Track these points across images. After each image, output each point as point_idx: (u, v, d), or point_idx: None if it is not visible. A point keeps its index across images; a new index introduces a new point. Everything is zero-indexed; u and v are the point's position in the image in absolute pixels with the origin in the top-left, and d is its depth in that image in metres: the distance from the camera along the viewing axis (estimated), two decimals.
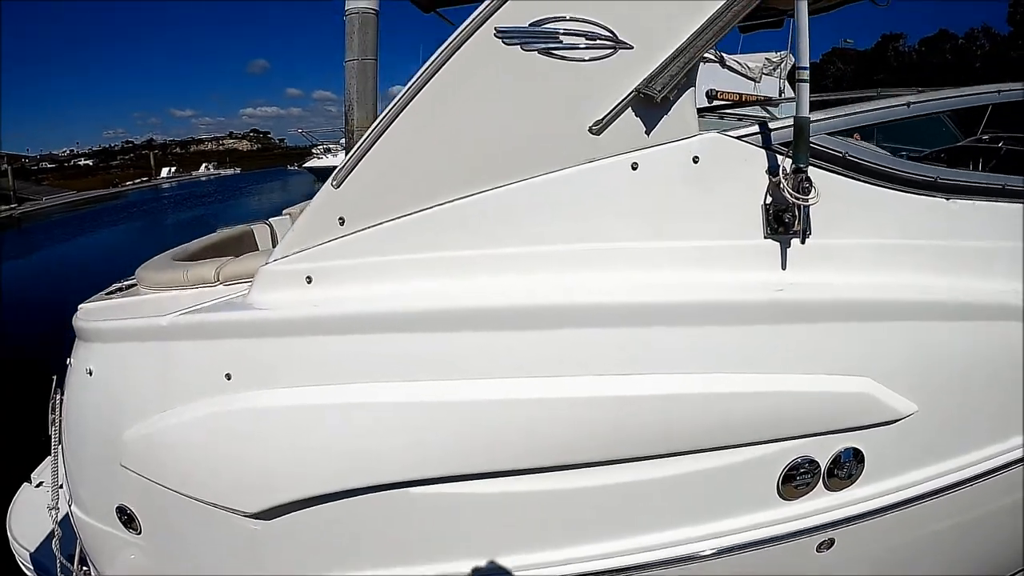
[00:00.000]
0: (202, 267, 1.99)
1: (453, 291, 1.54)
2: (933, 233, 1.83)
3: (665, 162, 1.56)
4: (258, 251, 2.31)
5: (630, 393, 1.51)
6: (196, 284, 1.96)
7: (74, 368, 2.00)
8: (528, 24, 1.51)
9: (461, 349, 1.52)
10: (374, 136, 1.55)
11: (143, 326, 1.78)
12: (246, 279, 1.84)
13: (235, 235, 2.95)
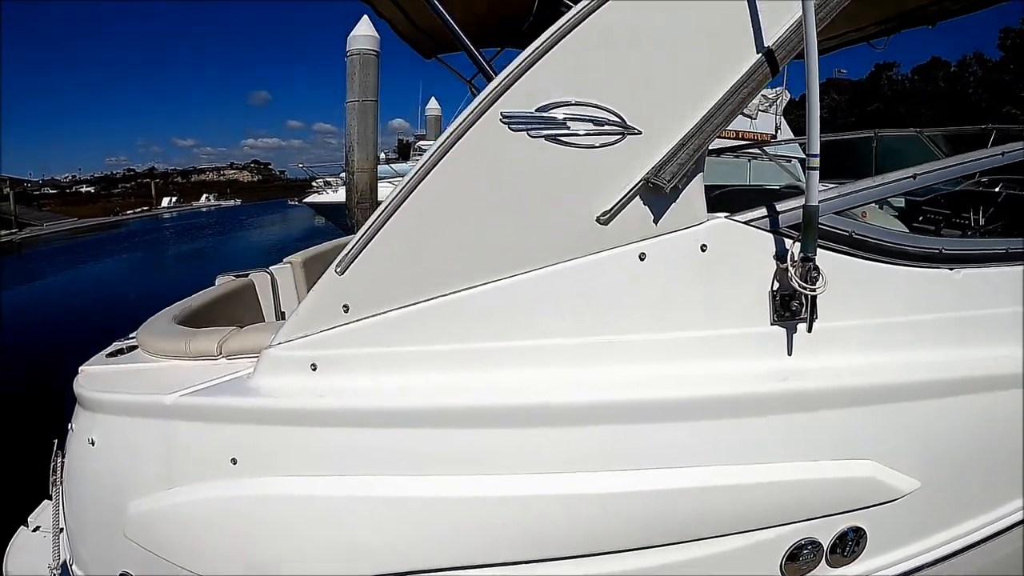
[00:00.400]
0: (204, 339, 1.98)
1: (458, 385, 1.54)
2: (939, 306, 1.85)
3: (673, 251, 1.56)
4: (260, 325, 2.30)
5: (639, 488, 1.53)
6: (198, 356, 1.95)
7: (76, 435, 2.00)
8: (535, 109, 1.50)
9: (465, 445, 1.54)
10: (379, 223, 1.54)
11: (146, 403, 1.77)
12: (249, 354, 1.84)
13: (235, 288, 2.97)
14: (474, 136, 1.50)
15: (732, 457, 1.58)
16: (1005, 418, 1.87)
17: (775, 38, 1.59)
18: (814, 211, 1.51)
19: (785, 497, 1.63)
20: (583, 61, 1.53)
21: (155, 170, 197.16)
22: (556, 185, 1.54)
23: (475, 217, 1.56)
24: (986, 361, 1.85)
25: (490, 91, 1.50)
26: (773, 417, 1.61)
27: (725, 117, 1.53)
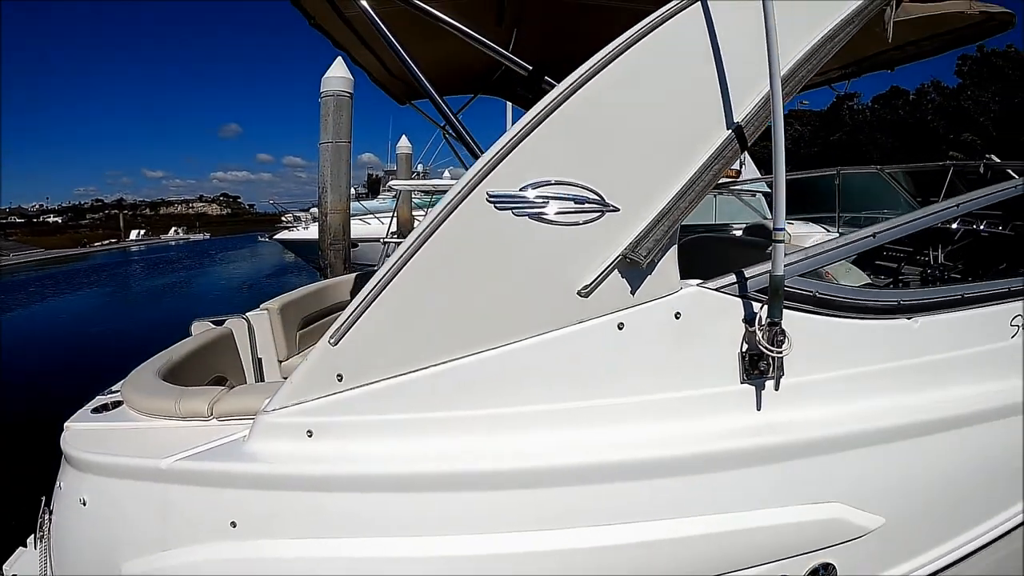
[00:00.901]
0: (195, 399, 2.01)
1: (450, 451, 1.63)
2: (899, 354, 2.01)
3: (649, 320, 1.68)
4: (248, 387, 2.40)
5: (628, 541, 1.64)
6: (189, 417, 1.99)
7: (65, 494, 2.03)
8: (519, 189, 1.60)
9: (459, 508, 1.62)
10: (371, 297, 1.62)
11: (142, 466, 1.81)
12: (241, 416, 1.91)
13: (215, 338, 3.01)
14: (462, 214, 1.59)
15: (710, 507, 1.70)
16: (962, 454, 2.05)
17: (743, 115, 1.73)
18: (779, 280, 1.64)
19: (759, 540, 1.75)
20: (563, 142, 1.63)
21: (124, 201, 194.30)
22: (540, 260, 1.64)
23: (463, 291, 1.65)
24: (943, 403, 2.02)
25: (476, 171, 1.60)
26: (746, 469, 1.73)
27: (698, 193, 1.66)
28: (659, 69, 1.72)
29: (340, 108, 9.98)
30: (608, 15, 2.99)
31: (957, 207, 2.34)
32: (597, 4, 2.97)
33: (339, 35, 3.33)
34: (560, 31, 3.34)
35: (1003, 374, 2.23)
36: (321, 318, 4.32)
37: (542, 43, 3.43)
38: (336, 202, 10.38)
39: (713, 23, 1.75)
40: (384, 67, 3.97)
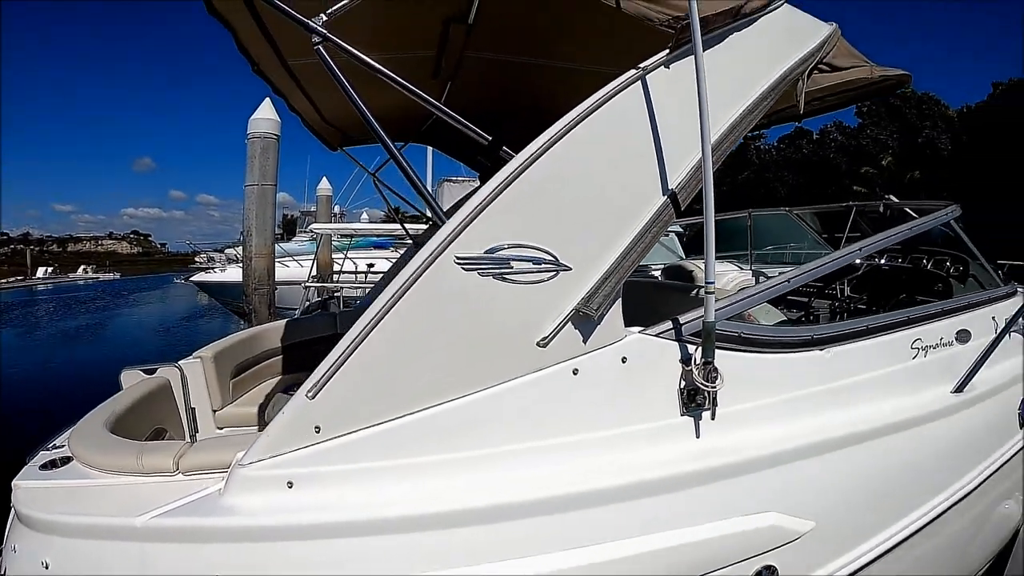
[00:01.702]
0: (158, 454, 2.07)
1: (426, 493, 1.80)
2: (816, 381, 2.36)
3: (600, 365, 1.94)
4: (211, 440, 2.40)
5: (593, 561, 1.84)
6: (152, 473, 2.04)
7: (22, 557, 2.01)
8: (483, 251, 1.83)
9: (437, 546, 1.78)
10: (347, 352, 1.79)
11: (114, 525, 1.85)
12: (207, 470, 2.00)
13: (154, 389, 3.07)
14: (432, 275, 1.80)
15: (663, 526, 1.95)
16: (875, 463, 2.42)
17: (677, 182, 2.05)
18: (711, 325, 1.94)
19: (707, 550, 2.00)
20: (521, 210, 1.88)
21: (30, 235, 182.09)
22: (503, 316, 1.87)
23: (434, 345, 1.84)
24: (856, 420, 2.38)
25: (445, 236, 1.81)
26: (691, 490, 2.00)
27: (640, 253, 1.95)
28: (604, 143, 2.01)
29: (267, 150, 10.04)
30: (533, 73, 3.31)
31: (860, 250, 2.72)
32: (524, 62, 3.24)
33: (279, 81, 3.46)
34: (489, 86, 3.59)
35: (906, 391, 2.64)
36: (253, 366, 4.38)
37: (471, 96, 3.72)
38: (261, 246, 10.38)
39: (651, 102, 2.07)
40: (319, 114, 4.11)
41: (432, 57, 3.26)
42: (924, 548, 2.68)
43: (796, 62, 2.48)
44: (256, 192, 9.72)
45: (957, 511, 2.79)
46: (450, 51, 3.15)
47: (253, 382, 4.34)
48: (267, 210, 10.00)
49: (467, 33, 2.94)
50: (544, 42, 3.05)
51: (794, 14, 2.59)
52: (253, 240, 9.91)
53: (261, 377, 4.46)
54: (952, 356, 2.92)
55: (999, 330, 3.16)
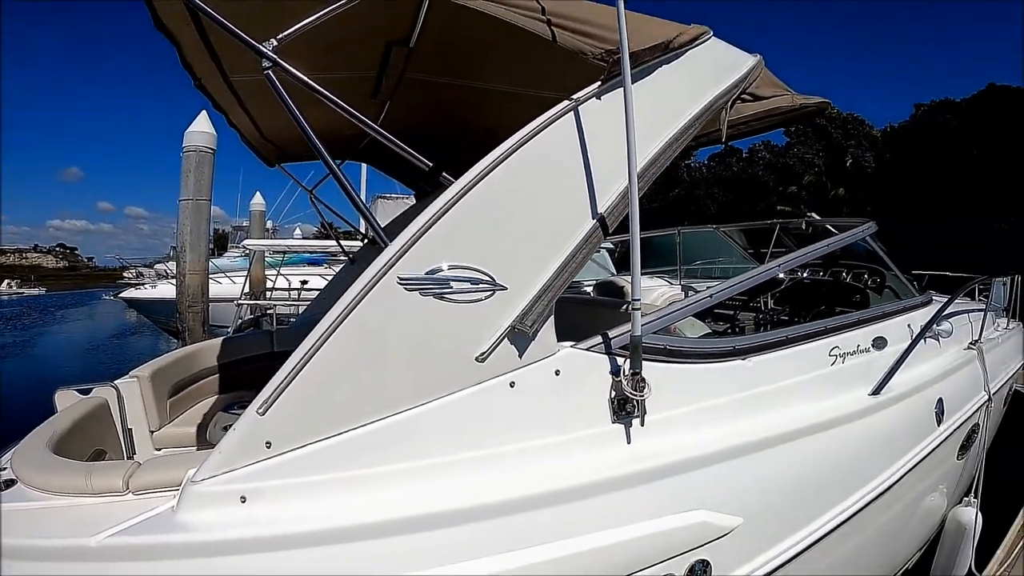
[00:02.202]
0: (107, 474, 2.10)
1: (374, 503, 1.91)
2: (738, 388, 2.59)
3: (535, 378, 2.12)
4: (161, 459, 2.45)
5: (531, 561, 1.97)
6: (102, 493, 2.07)
7: None
8: (424, 273, 1.98)
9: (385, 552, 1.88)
10: (295, 370, 1.89)
11: (68, 547, 1.87)
12: (158, 489, 2.05)
13: (93, 409, 3.06)
14: (376, 295, 1.93)
15: (600, 526, 2.10)
16: (796, 462, 2.65)
17: (606, 207, 2.25)
18: (638, 339, 2.14)
19: (643, 547, 2.17)
20: (460, 233, 2.04)
21: None
22: (444, 333, 2.02)
23: (378, 362, 1.97)
24: (777, 423, 2.61)
25: (388, 257, 1.95)
26: (625, 491, 2.17)
27: (571, 273, 2.15)
28: (538, 170, 2.19)
29: (202, 165, 9.96)
30: (469, 94, 3.46)
31: (780, 266, 2.97)
32: (461, 85, 3.39)
33: (220, 97, 3.52)
34: (427, 106, 3.73)
35: (825, 395, 2.91)
36: (189, 385, 4.39)
37: (409, 115, 3.89)
38: (195, 262, 10.25)
39: (583, 131, 2.27)
40: (258, 130, 4.19)
41: (372, 77, 3.37)
42: (855, 541, 2.95)
43: (719, 93, 2.72)
44: (190, 207, 9.61)
45: (883, 504, 3.07)
46: (390, 72, 3.27)
47: (190, 401, 4.36)
48: (201, 226, 9.89)
49: (408, 56, 3.06)
50: (482, 65, 3.24)
51: (720, 47, 2.83)
52: (187, 256, 9.78)
53: (197, 396, 4.48)
54: (869, 362, 3.22)
55: (914, 336, 3.45)
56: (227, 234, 35.54)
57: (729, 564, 2.37)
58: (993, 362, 4.51)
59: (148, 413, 3.77)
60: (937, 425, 3.57)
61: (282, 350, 5.00)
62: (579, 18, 2.36)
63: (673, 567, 2.21)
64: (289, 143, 4.60)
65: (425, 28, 2.78)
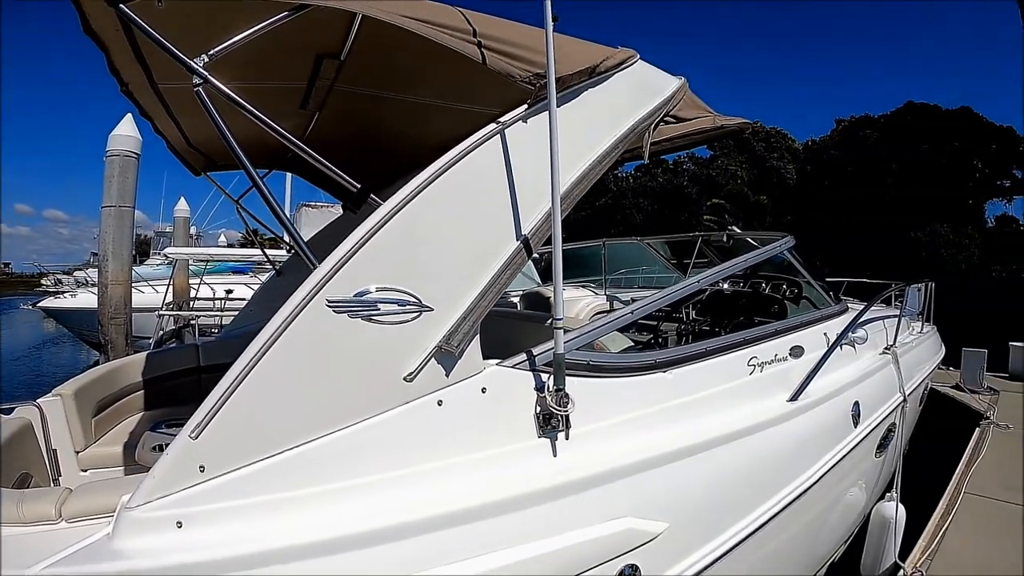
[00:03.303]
0: (38, 502, 2.11)
1: (309, 523, 1.97)
2: (660, 399, 2.79)
3: (462, 396, 2.25)
4: (91, 485, 2.38)
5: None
6: (34, 521, 2.08)
7: None
8: (353, 295, 2.08)
9: (320, 570, 1.94)
10: (227, 394, 1.94)
11: None
12: (91, 516, 2.08)
13: (16, 431, 3.03)
14: (305, 318, 2.01)
15: (529, 536, 2.23)
16: (718, 466, 2.85)
17: (529, 228, 2.42)
18: (561, 357, 2.32)
19: (572, 555, 2.30)
20: (386, 256, 2.15)
21: None
22: (372, 354, 2.12)
23: (309, 384, 2.05)
24: (698, 432, 2.80)
25: (317, 281, 2.04)
26: (552, 502, 2.31)
27: (495, 294, 2.31)
28: (464, 192, 2.34)
29: (126, 170, 9.72)
30: (397, 106, 3.55)
31: (699, 282, 3.16)
32: (389, 97, 3.46)
33: (147, 104, 3.50)
34: (354, 117, 3.81)
35: (744, 403, 3.15)
36: (115, 402, 4.36)
37: (336, 126, 3.95)
38: (118, 272, 10.01)
39: (508, 153, 2.43)
40: (184, 138, 4.19)
41: (302, 88, 3.42)
42: (780, 538, 3.21)
43: (642, 117, 2.94)
44: (113, 214, 9.36)
45: (805, 502, 3.32)
46: (320, 84, 3.33)
47: (115, 419, 4.32)
48: (125, 234, 9.65)
49: (339, 68, 3.14)
50: (410, 79, 3.35)
51: (645, 70, 3.02)
52: (109, 266, 9.51)
53: (123, 414, 4.44)
54: (787, 370, 3.50)
55: (830, 344, 3.70)
56: (149, 240, 34.45)
57: (657, 567, 2.54)
58: (908, 364, 4.91)
59: (73, 433, 3.71)
60: (854, 426, 3.88)
61: (208, 364, 5.05)
62: (508, 40, 2.48)
63: (605, 571, 2.36)
64: (217, 152, 4.61)
65: (356, 42, 2.86)
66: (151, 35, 2.02)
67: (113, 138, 9.40)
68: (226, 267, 19.67)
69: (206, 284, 16.18)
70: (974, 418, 7.81)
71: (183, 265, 15.94)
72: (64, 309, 19.95)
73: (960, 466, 5.82)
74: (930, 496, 5.13)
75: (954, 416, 8.35)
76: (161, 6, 2.12)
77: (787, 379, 3.45)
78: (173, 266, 15.79)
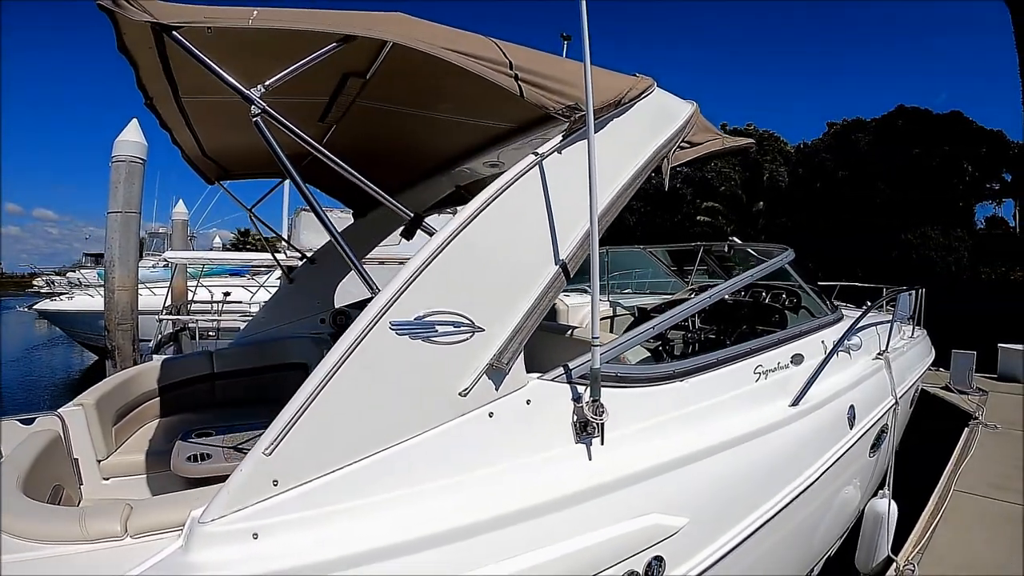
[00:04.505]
0: (102, 519, 2.19)
1: (378, 529, 2.15)
2: (679, 406, 3.09)
3: (510, 408, 2.52)
4: (155, 499, 2.53)
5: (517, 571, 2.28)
6: (100, 539, 2.15)
7: None
8: (414, 318, 2.32)
9: (391, 572, 2.12)
10: (298, 414, 2.13)
11: None
12: (157, 531, 2.19)
13: (48, 443, 3.12)
14: (371, 340, 2.23)
15: (570, 534, 2.46)
16: (730, 466, 3.13)
17: (567, 253, 2.68)
18: (597, 371, 2.61)
19: (607, 549, 2.55)
20: (443, 281, 2.38)
21: None
22: (431, 372, 2.37)
23: (375, 400, 2.27)
24: (712, 435, 3.10)
25: (381, 305, 2.25)
26: (589, 502, 2.56)
27: (540, 314, 2.58)
28: (508, 222, 2.57)
29: (132, 176, 9.70)
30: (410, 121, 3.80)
31: (710, 297, 3.44)
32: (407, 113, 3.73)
33: (168, 116, 3.61)
34: (368, 129, 4.05)
35: (752, 408, 3.45)
36: (133, 409, 4.49)
37: (351, 137, 4.10)
38: (124, 277, 9.99)
39: (546, 184, 2.65)
40: (200, 148, 4.33)
41: (323, 103, 3.55)
42: (780, 533, 3.49)
43: (663, 142, 3.19)
44: (120, 220, 9.36)
45: (804, 499, 3.63)
46: (342, 100, 3.46)
47: (133, 427, 4.45)
48: (131, 239, 9.64)
49: (362, 85, 3.26)
50: (427, 97, 3.52)
51: (662, 96, 3.30)
52: (116, 271, 9.50)
53: (141, 421, 4.58)
54: (788, 377, 3.84)
55: (827, 351, 3.97)
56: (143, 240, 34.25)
57: (679, 558, 2.82)
58: (900, 368, 5.28)
59: (95, 442, 3.80)
60: (850, 428, 4.20)
61: (222, 371, 5.23)
62: (541, 73, 2.66)
63: (633, 564, 2.63)
64: (231, 162, 4.77)
65: (383, 63, 2.96)
66: (213, 70, 2.14)
67: (119, 143, 9.34)
68: (223, 269, 19.70)
69: (203, 287, 16.23)
70: (963, 418, 8.22)
71: (182, 268, 15.97)
72: (60, 311, 19.90)
73: (949, 465, 6.24)
74: (920, 494, 5.47)
75: (943, 416, 8.75)
76: (210, 33, 2.22)
77: (788, 386, 3.78)
78: (172, 270, 15.80)
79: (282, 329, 5.60)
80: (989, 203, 30.26)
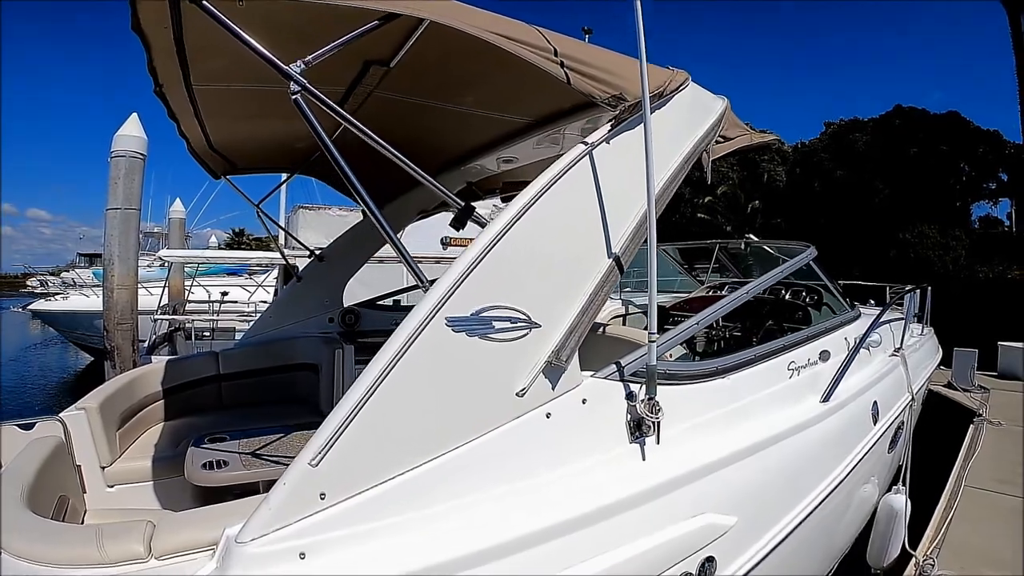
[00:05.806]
0: (122, 540, 1.99)
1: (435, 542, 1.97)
2: (724, 403, 3.01)
3: (567, 407, 2.39)
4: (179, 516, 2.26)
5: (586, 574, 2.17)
6: (121, 562, 1.94)
7: None
8: (470, 314, 2.17)
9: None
10: (348, 419, 1.92)
11: None
12: (183, 551, 1.99)
13: (52, 451, 2.90)
14: (426, 337, 2.05)
15: (631, 536, 2.34)
16: (772, 463, 3.07)
17: (619, 247, 2.57)
18: (654, 368, 2.52)
19: (664, 551, 2.44)
20: (498, 275, 2.24)
21: None
22: (488, 371, 2.23)
23: (429, 403, 2.10)
24: (755, 431, 3.02)
25: (435, 301, 2.08)
26: (650, 503, 2.44)
27: (596, 309, 2.45)
28: (559, 214, 2.43)
29: (132, 172, 9.37)
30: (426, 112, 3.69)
31: (747, 293, 3.35)
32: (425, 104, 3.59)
33: (177, 105, 3.41)
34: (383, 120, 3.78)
35: (787, 404, 3.40)
36: (136, 412, 4.30)
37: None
38: (124, 276, 9.63)
39: (596, 174, 2.52)
40: (208, 142, 4.13)
41: (341, 92, 3.37)
42: (805, 534, 3.37)
43: (702, 135, 3.15)
44: (119, 217, 9.03)
45: (832, 497, 3.57)
46: (360, 90, 3.30)
47: (137, 431, 4.24)
48: (131, 237, 9.29)
49: (383, 75, 3.10)
50: (450, 89, 3.41)
51: (696, 90, 3.20)
52: (115, 270, 9.17)
53: (145, 424, 4.37)
54: (817, 373, 3.83)
55: (851, 348, 3.93)
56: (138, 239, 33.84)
57: (728, 558, 2.74)
58: (913, 366, 5.23)
59: (99, 448, 3.59)
60: (874, 424, 4.14)
61: (228, 372, 5.05)
62: (587, 62, 2.55)
63: (688, 565, 2.54)
64: (238, 156, 4.58)
65: (408, 52, 2.80)
66: (251, 45, 1.94)
67: (118, 138, 9.01)
68: (220, 268, 19.48)
69: (200, 286, 16.01)
70: (967, 415, 8.39)
71: (179, 268, 15.73)
72: (54, 312, 19.59)
73: (958, 461, 6.36)
74: (927, 490, 5.49)
75: (947, 413, 8.90)
76: (242, 5, 2.05)
77: (818, 382, 3.74)
78: (169, 269, 15.54)
79: (290, 328, 5.40)
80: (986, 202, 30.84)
